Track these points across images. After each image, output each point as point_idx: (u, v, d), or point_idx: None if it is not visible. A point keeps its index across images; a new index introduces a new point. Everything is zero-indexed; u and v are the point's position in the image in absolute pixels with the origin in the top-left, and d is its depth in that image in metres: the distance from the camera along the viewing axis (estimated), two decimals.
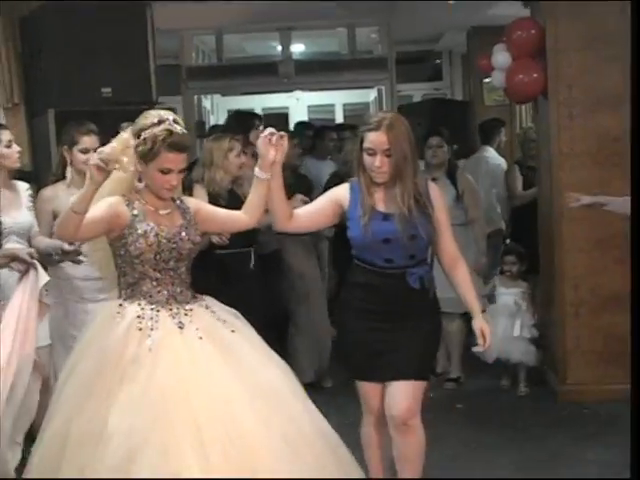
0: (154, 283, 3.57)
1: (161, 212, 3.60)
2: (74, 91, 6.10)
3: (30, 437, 4.34)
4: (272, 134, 3.61)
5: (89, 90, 6.12)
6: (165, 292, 3.57)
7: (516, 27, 5.78)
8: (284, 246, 6.06)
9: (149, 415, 3.30)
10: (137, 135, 3.50)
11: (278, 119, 12.07)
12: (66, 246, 4.38)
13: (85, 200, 3.34)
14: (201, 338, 3.49)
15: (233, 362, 3.52)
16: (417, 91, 12.12)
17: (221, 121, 11.64)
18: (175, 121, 3.56)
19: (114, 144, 3.43)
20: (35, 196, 4.83)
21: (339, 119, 12.85)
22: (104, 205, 3.50)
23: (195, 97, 10.77)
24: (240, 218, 3.80)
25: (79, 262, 4.55)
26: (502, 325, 5.77)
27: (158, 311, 3.53)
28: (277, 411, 3.49)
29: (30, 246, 4.58)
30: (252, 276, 5.28)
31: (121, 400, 3.32)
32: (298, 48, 11.32)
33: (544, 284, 6.23)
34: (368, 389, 3.96)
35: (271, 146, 3.60)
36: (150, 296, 3.56)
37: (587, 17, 5.49)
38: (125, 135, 3.60)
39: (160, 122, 3.49)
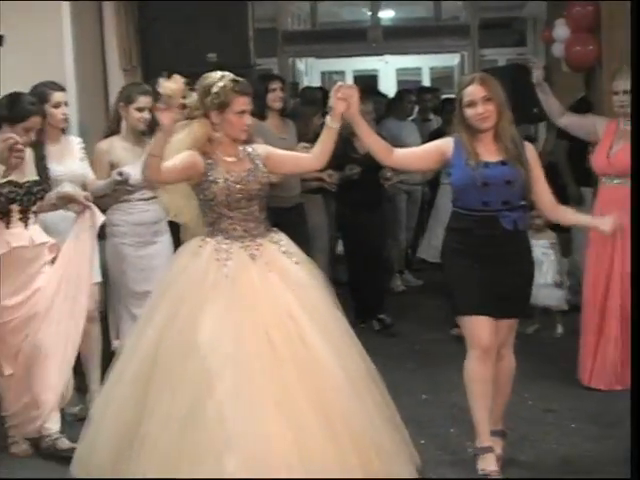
0: (229, 221, 3.92)
1: (231, 159, 3.96)
2: (184, 56, 6.66)
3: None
4: (341, 87, 3.88)
5: (196, 55, 6.68)
6: (239, 228, 3.92)
7: (575, 4, 6.35)
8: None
9: (230, 334, 3.65)
10: (206, 93, 3.86)
11: (368, 81, 12.53)
12: (117, 176, 4.83)
13: (158, 144, 3.73)
14: (271, 271, 3.86)
15: (296, 290, 3.85)
16: (501, 56, 12.36)
17: (314, 82, 12.28)
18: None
19: (167, 86, 3.75)
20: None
21: (426, 81, 13.26)
22: (181, 156, 3.87)
23: (290, 60, 11.38)
24: (308, 160, 4.12)
25: (131, 189, 4.97)
26: None
27: (232, 245, 3.89)
28: (340, 344, 3.84)
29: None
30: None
31: (206, 319, 3.68)
32: (387, 14, 11.81)
33: None
34: (479, 324, 4.01)
35: (341, 99, 3.86)
36: (226, 232, 3.91)
37: None
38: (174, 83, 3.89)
39: (223, 76, 3.90)
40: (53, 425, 4.48)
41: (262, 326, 3.72)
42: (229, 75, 3.92)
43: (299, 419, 3.60)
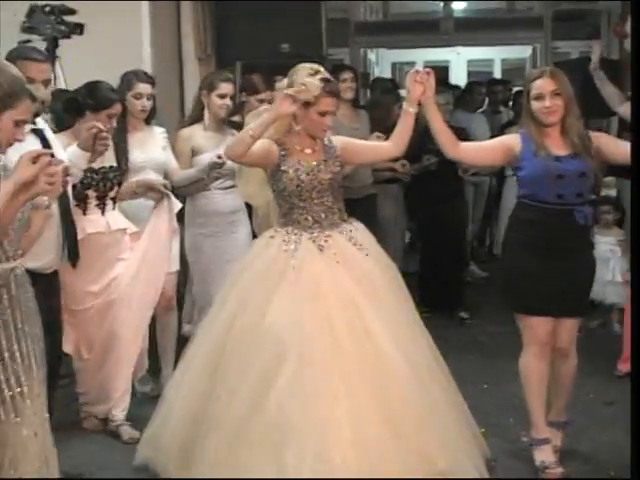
0: (301, 211, 3.98)
1: (307, 151, 4.00)
2: (258, 46, 6.87)
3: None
4: (417, 71, 3.88)
5: (270, 45, 6.88)
6: (310, 218, 3.97)
7: None
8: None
9: (294, 324, 3.74)
10: (295, 85, 3.91)
11: (439, 72, 12.60)
12: (216, 158, 4.79)
13: (263, 126, 3.80)
14: (338, 262, 3.91)
15: (361, 281, 3.90)
16: (574, 49, 12.28)
17: (385, 73, 12.33)
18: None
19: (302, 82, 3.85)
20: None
21: (497, 73, 13.21)
22: (259, 142, 3.89)
23: (361, 50, 11.46)
24: (387, 147, 4.14)
25: (224, 175, 4.98)
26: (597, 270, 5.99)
27: (301, 236, 3.95)
28: (404, 336, 3.88)
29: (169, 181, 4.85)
30: None
31: (272, 309, 3.79)
32: (459, 5, 11.78)
33: None
34: (538, 322, 4.05)
35: (418, 82, 3.87)
36: (298, 222, 3.97)
37: None
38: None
39: (317, 72, 3.89)
40: (119, 413, 4.60)
41: (326, 317, 3.79)
42: (322, 73, 3.92)
43: (358, 411, 3.66)
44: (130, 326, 4.52)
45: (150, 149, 4.93)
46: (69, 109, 4.59)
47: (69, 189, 4.01)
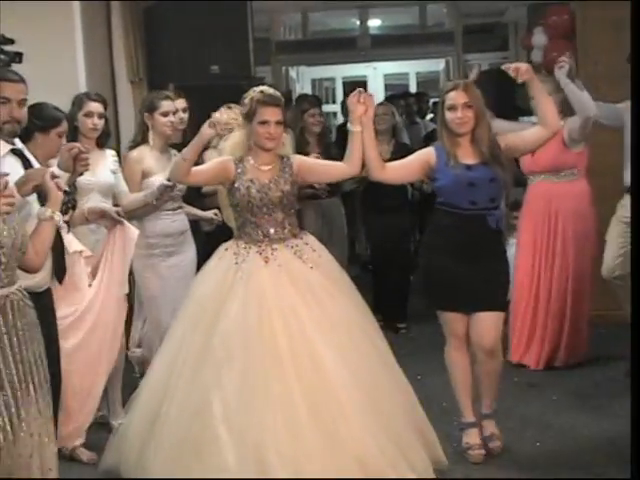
0: (252, 225, 4.19)
1: (263, 168, 4.20)
2: (188, 68, 7.09)
3: None
4: (360, 92, 4.09)
5: (201, 67, 7.10)
6: (260, 232, 4.18)
7: (552, 12, 6.86)
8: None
9: (239, 332, 3.96)
10: (242, 104, 4.22)
11: (357, 87, 12.95)
12: (166, 181, 4.80)
13: (193, 149, 4.04)
14: (281, 273, 4.08)
15: (304, 291, 4.08)
16: (485, 60, 12.64)
17: (305, 89, 12.67)
18: (271, 86, 4.25)
19: (222, 112, 4.23)
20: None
21: (413, 86, 13.66)
22: (215, 161, 4.24)
23: (283, 68, 11.76)
24: (341, 167, 4.27)
25: (174, 197, 5.01)
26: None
27: (250, 249, 4.16)
28: (345, 343, 4.05)
29: (115, 205, 4.83)
30: None
31: (222, 317, 4.02)
32: (375, 23, 12.19)
33: None
34: (454, 318, 4.33)
35: (359, 103, 4.06)
36: (249, 235, 4.18)
37: (612, 4, 6.32)
38: (230, 113, 4.48)
39: (258, 90, 4.18)
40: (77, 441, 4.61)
41: (268, 325, 4.00)
42: (263, 88, 4.21)
43: (293, 414, 3.86)
44: (95, 351, 4.51)
45: (99, 171, 4.88)
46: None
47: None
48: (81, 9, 6.66)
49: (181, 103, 5.43)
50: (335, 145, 6.71)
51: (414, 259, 8.17)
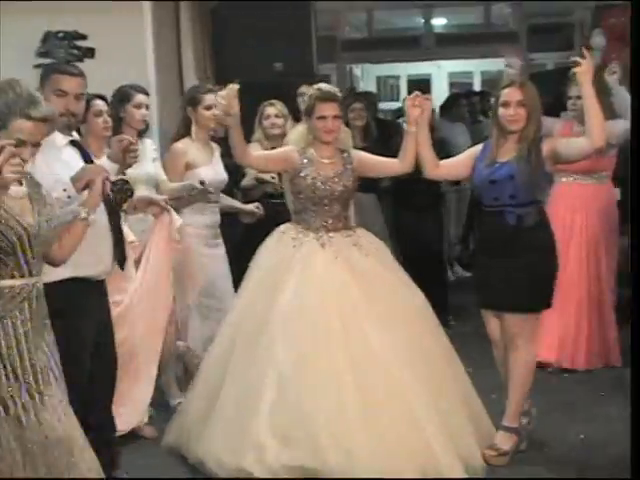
0: (312, 214, 4.37)
1: (325, 161, 4.38)
2: (253, 66, 7.27)
3: None
4: (417, 96, 4.23)
5: (265, 65, 7.37)
6: (318, 221, 4.37)
7: (611, 14, 6.91)
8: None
9: (295, 312, 4.11)
10: (300, 101, 4.64)
11: (421, 85, 12.93)
12: (197, 185, 4.92)
13: (231, 137, 4.23)
14: (336, 258, 4.26)
15: (360, 278, 4.21)
16: (549, 60, 12.58)
17: (370, 87, 12.80)
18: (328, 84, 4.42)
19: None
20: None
21: (477, 85, 13.74)
22: (280, 150, 4.48)
23: (347, 66, 11.95)
24: (396, 165, 4.43)
25: (209, 199, 5.04)
26: None
27: (307, 234, 4.34)
28: (400, 328, 4.14)
29: (159, 194, 4.85)
30: None
31: (279, 298, 4.18)
32: (439, 21, 12.27)
33: None
34: (484, 314, 4.41)
35: (416, 106, 4.23)
36: (307, 222, 4.37)
37: None
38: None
39: (316, 87, 4.39)
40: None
41: (321, 306, 4.16)
42: (321, 85, 4.43)
43: (340, 396, 3.97)
44: (146, 337, 4.59)
45: (142, 162, 4.85)
46: None
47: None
48: (152, 8, 6.91)
49: None
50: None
51: (450, 255, 8.49)
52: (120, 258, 4.08)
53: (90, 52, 6.22)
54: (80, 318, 3.67)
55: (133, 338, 4.49)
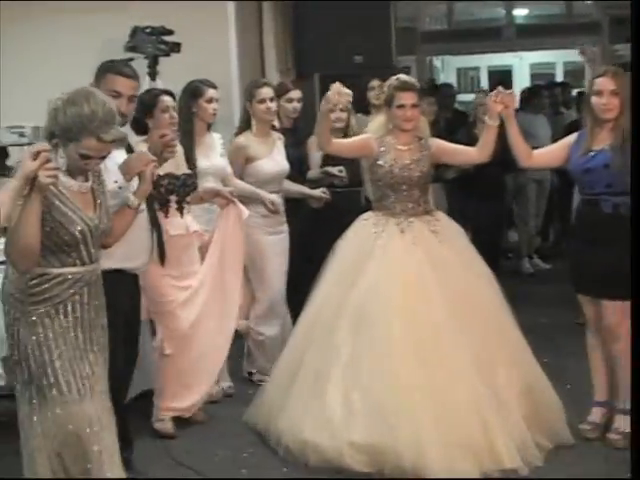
0: (392, 200, 4.52)
1: (402, 147, 4.53)
2: (333, 58, 7.35)
3: None
4: (499, 92, 4.26)
5: (345, 58, 7.36)
6: (398, 207, 4.51)
7: None
8: None
9: (374, 294, 4.27)
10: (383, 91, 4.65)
11: (502, 76, 12.98)
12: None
13: (319, 125, 4.46)
14: (414, 244, 4.40)
15: (434, 260, 4.36)
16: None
17: (450, 79, 12.81)
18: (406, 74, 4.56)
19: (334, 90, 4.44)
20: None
21: (559, 76, 13.63)
22: (359, 137, 4.72)
23: (427, 58, 11.96)
24: (474, 153, 4.56)
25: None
26: None
27: (388, 220, 4.48)
28: (470, 318, 4.25)
29: (224, 186, 4.95)
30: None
31: (360, 281, 4.34)
32: (520, 12, 12.19)
33: None
34: (582, 300, 4.45)
35: (498, 101, 4.27)
36: (388, 209, 4.52)
37: None
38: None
39: (392, 78, 4.53)
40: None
41: (400, 289, 4.30)
42: (399, 75, 4.58)
43: (406, 377, 4.11)
44: (213, 323, 4.67)
45: (213, 155, 5.05)
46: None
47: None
48: (235, 4, 7.08)
49: (297, 94, 5.66)
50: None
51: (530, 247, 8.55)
52: (160, 253, 4.24)
53: (177, 47, 6.36)
54: (110, 308, 3.66)
55: (200, 323, 4.60)
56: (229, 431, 4.70)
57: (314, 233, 5.47)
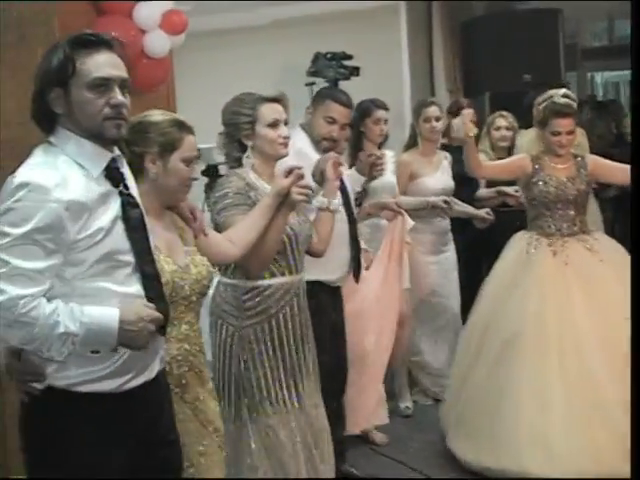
0: (546, 219, 4.46)
1: (558, 166, 4.45)
2: (502, 77, 7.48)
3: None
4: None
5: (514, 77, 7.45)
6: (552, 226, 4.45)
7: None
8: None
9: (518, 315, 4.29)
10: (536, 110, 4.41)
11: None
12: (433, 199, 5.17)
13: (465, 146, 4.50)
14: (566, 264, 4.33)
15: (586, 281, 4.27)
16: None
17: (609, 95, 12.69)
18: (564, 95, 4.32)
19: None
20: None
21: None
22: (512, 158, 4.70)
23: (588, 74, 11.98)
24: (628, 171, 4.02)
25: (447, 212, 5.24)
26: None
27: (541, 240, 4.42)
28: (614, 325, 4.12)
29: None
30: None
31: (508, 301, 4.38)
32: None
33: None
34: None
35: None
36: (541, 228, 4.46)
37: None
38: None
39: (549, 97, 4.38)
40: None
41: (542, 316, 4.27)
42: (556, 97, 4.38)
43: (546, 397, 4.14)
44: (378, 339, 4.64)
45: (385, 173, 4.90)
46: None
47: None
48: (407, 26, 7.39)
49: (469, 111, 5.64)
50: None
51: None
52: (356, 268, 4.24)
53: (356, 70, 6.62)
54: (315, 317, 3.72)
55: (363, 341, 4.55)
56: None
57: (479, 253, 5.55)
